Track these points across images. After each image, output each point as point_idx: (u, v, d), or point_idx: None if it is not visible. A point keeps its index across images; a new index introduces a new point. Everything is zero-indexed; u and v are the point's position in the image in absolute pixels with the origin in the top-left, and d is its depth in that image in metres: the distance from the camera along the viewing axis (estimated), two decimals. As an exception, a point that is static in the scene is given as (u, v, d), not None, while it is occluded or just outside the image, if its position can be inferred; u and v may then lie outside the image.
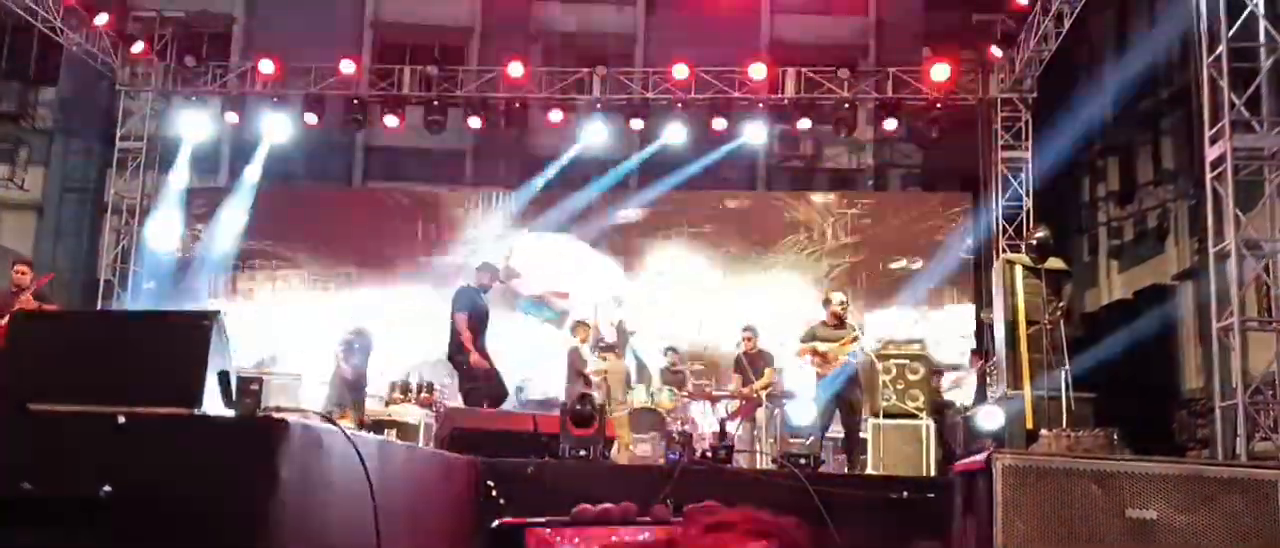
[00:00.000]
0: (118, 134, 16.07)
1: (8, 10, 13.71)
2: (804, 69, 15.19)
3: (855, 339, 9.55)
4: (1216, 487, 4.38)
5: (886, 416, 9.58)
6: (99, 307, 15.20)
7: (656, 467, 8.37)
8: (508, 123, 15.84)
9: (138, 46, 15.46)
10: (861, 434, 9.68)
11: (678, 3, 18.12)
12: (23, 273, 9.44)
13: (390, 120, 15.73)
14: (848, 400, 9.55)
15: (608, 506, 1.12)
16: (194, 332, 4.21)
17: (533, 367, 13.38)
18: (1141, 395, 12.76)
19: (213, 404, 4.05)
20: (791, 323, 10.65)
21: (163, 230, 16.06)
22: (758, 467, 9.58)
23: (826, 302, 9.90)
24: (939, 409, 11.04)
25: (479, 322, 9.94)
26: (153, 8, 17.11)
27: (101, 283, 15.86)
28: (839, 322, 9.69)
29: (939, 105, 14.99)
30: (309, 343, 12.71)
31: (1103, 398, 9.11)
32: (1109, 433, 6.53)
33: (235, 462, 3.85)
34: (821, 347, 9.55)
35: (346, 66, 15.40)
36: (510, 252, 15.66)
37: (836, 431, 10.26)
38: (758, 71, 14.96)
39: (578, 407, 9.15)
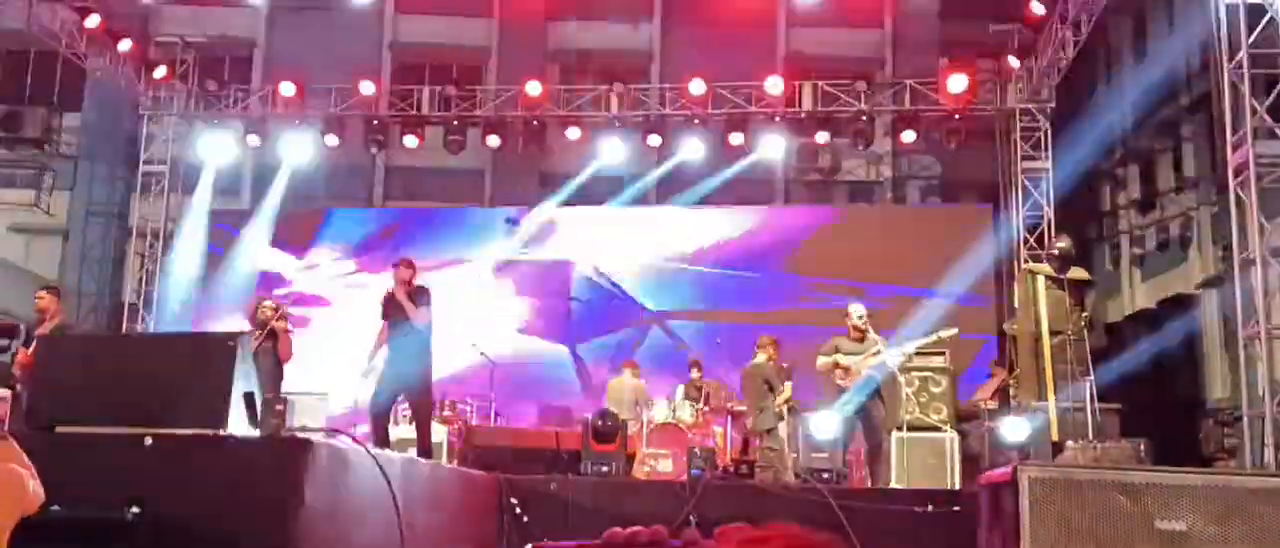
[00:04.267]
0: (141, 158, 16.22)
1: (32, 37, 13.89)
2: (821, 82, 15.19)
3: (878, 353, 9.46)
4: (1246, 496, 4.35)
5: (910, 428, 9.52)
6: (125, 330, 15.31)
7: (679, 483, 8.36)
8: (526, 141, 15.90)
9: (160, 71, 15.64)
10: (883, 448, 9.61)
11: (693, 18, 18.16)
12: (40, 298, 9.49)
13: (409, 141, 15.83)
14: (869, 414, 9.45)
15: (637, 528, 1.11)
16: (219, 353, 4.25)
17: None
18: (1167, 406, 12.66)
19: (239, 424, 4.09)
20: (813, 337, 10.58)
21: (187, 253, 16.19)
22: (780, 481, 9.56)
23: (847, 315, 9.80)
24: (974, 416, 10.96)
25: None
26: (175, 33, 17.30)
27: (127, 306, 15.99)
28: (861, 335, 9.60)
29: (957, 116, 14.96)
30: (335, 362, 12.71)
31: (1128, 409, 9.04)
32: (1135, 444, 6.49)
33: (262, 482, 3.88)
34: (845, 360, 9.47)
35: (366, 88, 15.52)
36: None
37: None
38: (774, 85, 14.97)
39: (599, 423, 9.17)
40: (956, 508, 7.31)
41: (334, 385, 10.81)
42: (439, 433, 10.82)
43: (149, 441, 3.91)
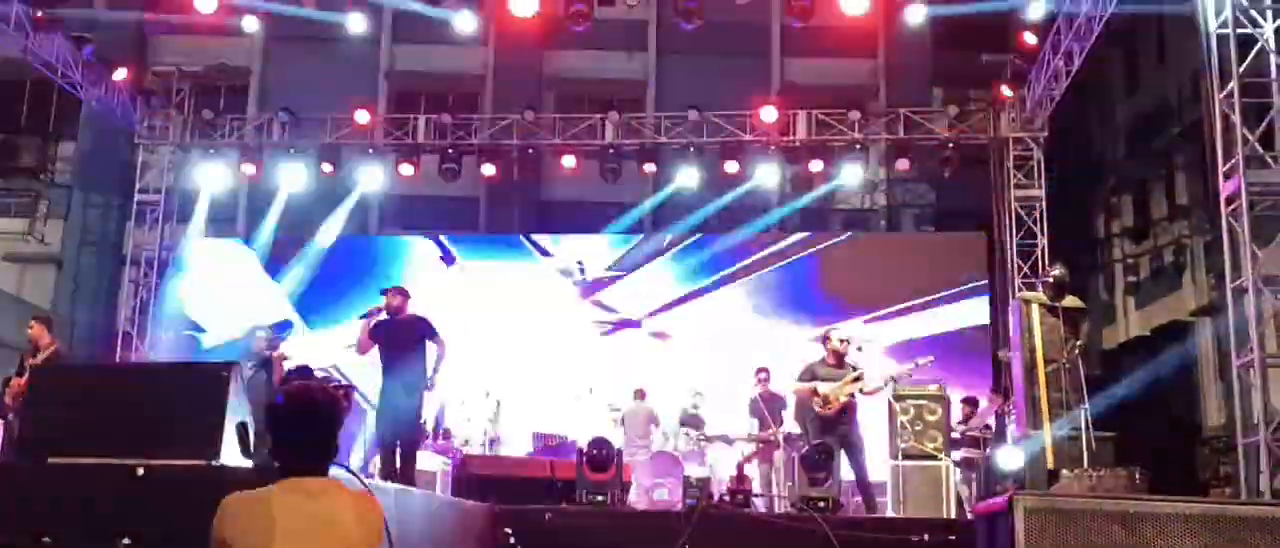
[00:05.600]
0: (136, 187, 16.20)
1: (28, 66, 13.92)
2: (815, 111, 15.24)
3: (857, 379, 9.37)
4: (1241, 526, 4.34)
5: (905, 457, 9.50)
6: (118, 359, 15.25)
7: (674, 512, 8.33)
8: (521, 169, 15.93)
9: (156, 101, 15.65)
10: (869, 477, 9.55)
11: (688, 48, 18.27)
12: (32, 327, 9.49)
13: (405, 169, 15.84)
14: (851, 442, 9.35)
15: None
16: (212, 383, 4.24)
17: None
18: (1163, 433, 12.66)
19: (231, 455, 4.07)
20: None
21: (181, 282, 16.18)
22: (776, 511, 9.53)
23: (825, 339, 9.73)
24: (977, 442, 10.95)
25: None
26: (171, 63, 17.36)
27: (120, 335, 15.94)
28: (839, 361, 9.50)
29: (950, 145, 15.01)
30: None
31: (1123, 437, 9.03)
32: (1131, 473, 6.48)
33: (254, 513, 3.85)
34: (822, 387, 9.35)
35: (361, 117, 15.55)
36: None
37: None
38: (769, 114, 15.03)
39: (594, 451, 9.13)
40: (953, 537, 7.29)
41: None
42: (434, 463, 10.78)
43: (141, 471, 3.90)
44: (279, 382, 9.11)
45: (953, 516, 9.07)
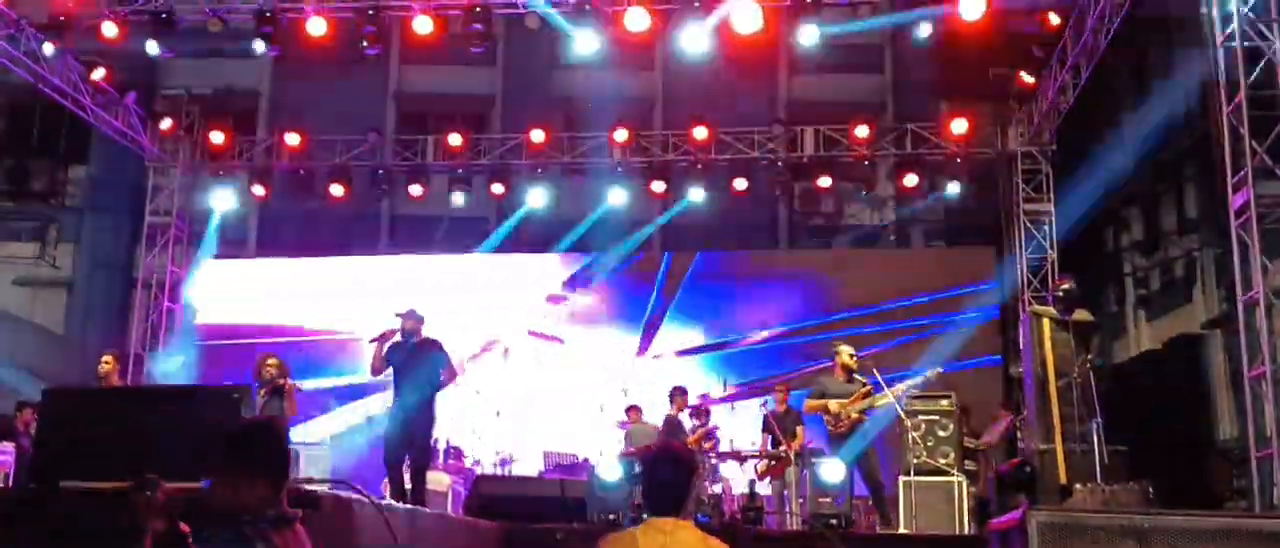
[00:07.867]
0: (147, 210, 16.27)
1: (38, 91, 14.01)
2: (822, 127, 15.25)
3: (867, 394, 9.39)
4: (1255, 540, 4.32)
5: (917, 472, 9.45)
6: (130, 382, 15.27)
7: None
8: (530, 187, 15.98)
9: (166, 124, 15.74)
10: (885, 492, 9.54)
11: (695, 66, 18.28)
12: (105, 363, 9.72)
13: (414, 189, 15.89)
14: (864, 460, 9.37)
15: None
16: (224, 406, 4.26)
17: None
18: (1175, 447, 12.58)
19: (243, 478, 4.07)
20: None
21: (192, 304, 16.23)
22: (788, 528, 9.50)
23: (835, 354, 9.75)
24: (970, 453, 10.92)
25: None
26: (181, 85, 17.44)
27: (132, 357, 15.98)
28: (848, 375, 9.53)
29: (958, 159, 15.00)
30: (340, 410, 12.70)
31: (1135, 450, 8.99)
32: (1144, 486, 6.45)
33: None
34: (833, 404, 9.38)
35: (371, 137, 15.60)
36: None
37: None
38: (777, 131, 15.04)
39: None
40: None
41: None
42: (445, 482, 10.79)
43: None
44: (292, 408, 9.12)
45: (966, 531, 9.02)
